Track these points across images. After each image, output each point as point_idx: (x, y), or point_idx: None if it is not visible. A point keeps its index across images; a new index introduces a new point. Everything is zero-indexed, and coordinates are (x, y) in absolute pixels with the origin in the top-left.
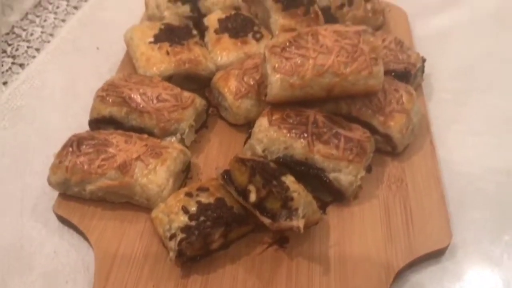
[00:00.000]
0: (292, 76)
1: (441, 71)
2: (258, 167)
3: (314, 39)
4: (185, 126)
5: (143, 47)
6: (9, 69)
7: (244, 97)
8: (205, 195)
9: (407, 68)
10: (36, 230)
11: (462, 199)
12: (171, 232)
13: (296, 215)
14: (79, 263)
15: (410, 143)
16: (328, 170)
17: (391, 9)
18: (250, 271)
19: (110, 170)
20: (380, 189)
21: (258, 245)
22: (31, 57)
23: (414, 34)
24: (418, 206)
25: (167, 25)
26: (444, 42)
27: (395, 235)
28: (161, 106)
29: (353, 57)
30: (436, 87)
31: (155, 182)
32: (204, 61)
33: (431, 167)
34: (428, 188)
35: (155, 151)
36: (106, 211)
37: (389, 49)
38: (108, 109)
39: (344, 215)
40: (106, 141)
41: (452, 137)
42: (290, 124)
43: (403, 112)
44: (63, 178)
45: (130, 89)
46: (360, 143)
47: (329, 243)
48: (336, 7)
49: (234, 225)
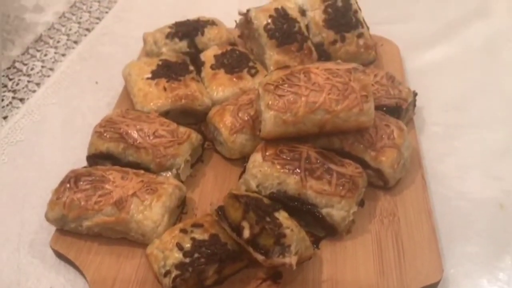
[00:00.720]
0: (285, 113)
1: (433, 104)
2: (252, 203)
3: (306, 77)
4: (180, 161)
5: (141, 83)
6: (10, 103)
7: (239, 132)
8: (200, 231)
9: (399, 103)
10: (33, 265)
11: (453, 232)
12: (166, 269)
13: (288, 252)
14: None
15: (402, 178)
16: (321, 205)
17: (383, 43)
18: None
19: (106, 206)
20: (373, 224)
21: (252, 281)
22: (31, 92)
23: (406, 67)
24: (409, 240)
25: (165, 61)
26: (436, 76)
27: (387, 269)
28: (157, 141)
29: (344, 94)
30: (428, 120)
31: (151, 218)
32: (200, 96)
33: (422, 201)
34: (419, 222)
35: (151, 187)
36: (103, 246)
37: (380, 84)
38: (105, 145)
39: (337, 249)
40: (103, 177)
41: (443, 170)
42: (283, 160)
43: (394, 147)
44: (61, 214)
45: (127, 125)
46: (352, 178)
47: (322, 277)
48: (329, 43)
49: (228, 261)
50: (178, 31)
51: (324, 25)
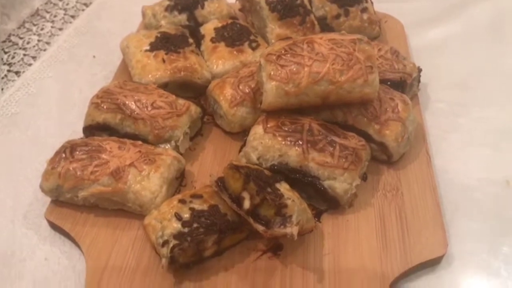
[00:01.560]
0: (288, 83)
1: (437, 81)
2: (252, 174)
3: (309, 47)
4: (179, 133)
5: (139, 55)
6: (5, 76)
7: (240, 105)
8: (199, 202)
9: (403, 78)
10: (27, 237)
11: (457, 209)
12: (164, 239)
13: (290, 222)
14: (70, 270)
15: (406, 152)
16: (323, 178)
17: (387, 20)
18: (244, 279)
19: (103, 176)
20: (376, 198)
21: (252, 253)
22: (27, 65)
23: (410, 45)
24: (413, 215)
25: (163, 33)
26: (440, 54)
27: (390, 244)
28: (155, 113)
29: (348, 65)
30: (432, 97)
31: (148, 189)
32: (199, 69)
33: (426, 176)
34: (423, 197)
35: (149, 158)
36: (99, 217)
37: (384, 59)
38: (102, 115)
39: (339, 223)
40: (100, 147)
41: (448, 147)
42: (285, 132)
43: (398, 120)
44: (56, 185)
45: (125, 96)
46: (356, 151)
47: (324, 251)
48: (332, 17)
49: (227, 232)
50: (178, 4)
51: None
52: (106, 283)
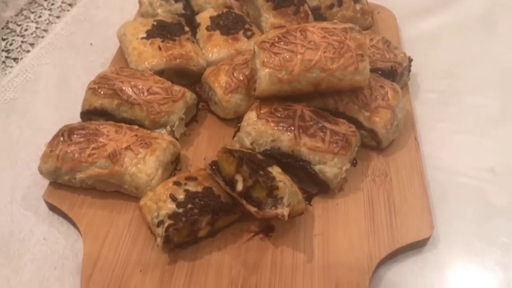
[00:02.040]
0: (281, 70)
1: (428, 71)
2: (245, 157)
3: (302, 35)
4: (175, 118)
5: (136, 42)
6: (3, 62)
7: (234, 91)
8: (193, 184)
9: (394, 67)
10: (26, 217)
11: (444, 194)
12: (159, 219)
13: (281, 204)
14: (67, 250)
15: (395, 139)
16: (314, 162)
17: (380, 11)
18: (236, 258)
19: (100, 159)
20: (365, 182)
21: (244, 234)
22: (25, 52)
23: (402, 35)
24: (401, 199)
25: (160, 22)
26: (432, 44)
27: (378, 226)
28: (151, 98)
29: (340, 53)
30: (422, 86)
31: (144, 171)
32: (195, 56)
33: (414, 162)
34: (411, 182)
35: (145, 141)
36: (96, 199)
37: (376, 48)
38: (99, 101)
39: (329, 206)
40: (97, 130)
41: (436, 134)
42: (277, 118)
43: (388, 108)
44: (54, 167)
45: (122, 81)
46: (346, 136)
47: (314, 232)
48: (325, 7)
49: (221, 213)
50: None
51: None
52: (103, 261)
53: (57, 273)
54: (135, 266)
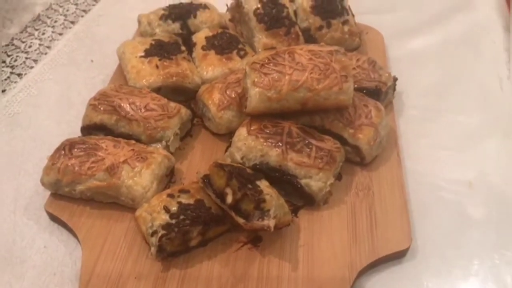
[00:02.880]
0: (270, 90)
1: (412, 90)
2: (235, 172)
3: (290, 57)
4: (170, 133)
5: (134, 61)
6: (8, 78)
7: (226, 108)
8: (186, 196)
9: (378, 86)
10: (28, 226)
11: (424, 206)
12: (153, 229)
13: (267, 216)
14: (67, 257)
15: (379, 155)
16: (300, 176)
17: (368, 31)
18: (225, 267)
19: (99, 172)
20: (349, 196)
21: (233, 244)
22: (29, 68)
23: (389, 55)
24: (382, 212)
25: (158, 41)
26: (417, 64)
27: (360, 237)
28: (148, 114)
29: (325, 74)
30: (407, 104)
31: (140, 184)
32: (190, 74)
33: (396, 177)
34: (392, 195)
35: (141, 156)
36: (94, 210)
37: (362, 68)
38: (99, 116)
39: (314, 218)
40: (96, 145)
41: (418, 150)
42: (266, 134)
43: (371, 125)
44: (55, 179)
45: (120, 98)
46: (330, 152)
47: (299, 243)
48: (315, 28)
49: (211, 224)
50: (172, 13)
51: (311, 11)
52: (100, 268)
53: (57, 279)
54: (130, 274)
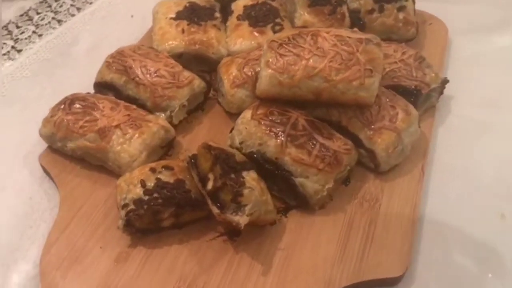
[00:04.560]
0: (283, 73)
1: (465, 97)
2: (222, 157)
3: (313, 40)
4: (176, 104)
5: (163, 22)
6: (48, 23)
7: (240, 87)
8: (168, 174)
9: (418, 87)
10: (21, 174)
11: (437, 234)
12: (125, 202)
13: (242, 211)
14: (47, 212)
15: (399, 164)
16: (296, 174)
17: (432, 22)
18: (194, 255)
19: (90, 132)
20: (351, 204)
21: (210, 232)
22: (71, 15)
23: (450, 52)
24: (383, 230)
25: (192, 4)
26: (480, 67)
27: (349, 253)
28: (157, 81)
29: (347, 64)
30: (454, 112)
31: (128, 152)
32: (216, 44)
33: (412, 194)
34: (401, 213)
35: (136, 123)
36: (84, 170)
37: (405, 64)
38: (110, 75)
39: (304, 222)
40: (94, 105)
41: (452, 168)
42: (270, 122)
43: (393, 130)
44: (51, 132)
45: (134, 60)
46: (336, 154)
47: (279, 246)
48: (365, 11)
49: (186, 208)
50: None
51: None
52: (71, 229)
53: (31, 232)
54: (98, 241)
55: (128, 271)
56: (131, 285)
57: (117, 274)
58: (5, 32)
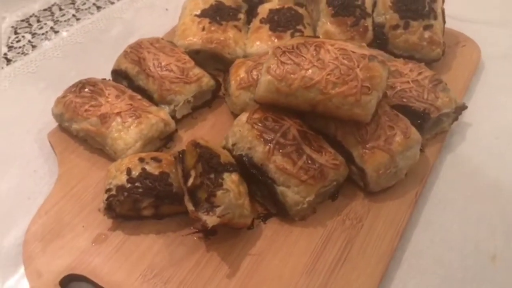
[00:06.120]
0: (281, 81)
1: (485, 126)
2: (205, 156)
3: (316, 50)
4: (181, 99)
5: (188, 18)
6: (88, 8)
7: (245, 89)
8: (155, 165)
9: (427, 110)
10: (31, 148)
11: (417, 266)
12: (109, 187)
13: (213, 212)
14: (46, 187)
15: (393, 187)
16: (278, 182)
17: (466, 44)
18: (167, 247)
19: (92, 116)
20: (333, 220)
21: (187, 227)
22: (110, 3)
23: (481, 78)
24: (359, 251)
25: (219, 3)
26: (508, 96)
27: (318, 268)
28: (165, 74)
29: (344, 79)
30: (468, 141)
31: (124, 140)
32: (233, 45)
33: (398, 219)
34: (381, 237)
35: (136, 113)
36: (85, 151)
37: (418, 85)
38: (125, 64)
39: (281, 231)
40: (101, 91)
41: (448, 203)
42: (263, 127)
43: (386, 151)
44: (60, 112)
45: (149, 52)
46: (322, 167)
47: (251, 251)
48: (390, 26)
49: (166, 200)
50: None
51: (391, 6)
52: (59, 207)
53: (29, 204)
54: (82, 220)
55: (102, 252)
56: (101, 267)
57: (91, 254)
58: (48, 13)
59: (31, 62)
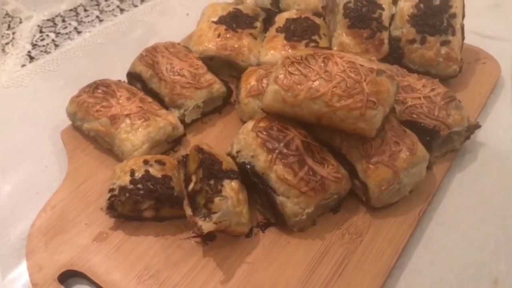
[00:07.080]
0: (287, 91)
1: (500, 146)
2: (207, 162)
3: (324, 62)
4: (190, 104)
5: (205, 24)
6: (112, 10)
7: (254, 97)
8: (158, 168)
9: (437, 127)
10: (43, 144)
11: (411, 286)
12: (113, 187)
13: (210, 218)
14: (56, 183)
15: (396, 204)
16: (278, 192)
17: (487, 61)
18: (165, 250)
19: (103, 117)
20: (332, 234)
21: (186, 231)
22: (134, 6)
23: (500, 96)
24: (356, 266)
25: (237, 11)
26: None
27: (313, 281)
28: (177, 79)
29: (350, 92)
30: (480, 161)
31: (131, 141)
32: (247, 52)
33: (399, 237)
34: (379, 254)
35: (145, 116)
36: (95, 150)
37: (430, 101)
38: (140, 67)
39: (279, 241)
40: (114, 92)
41: (451, 224)
42: (267, 136)
43: (390, 167)
44: (74, 111)
45: (163, 56)
46: (323, 180)
47: (247, 259)
48: (406, 40)
49: (166, 203)
50: None
51: (408, 20)
52: (65, 203)
53: (38, 198)
54: (85, 218)
55: (102, 251)
56: (99, 265)
57: (91, 252)
58: (73, 13)
59: (53, 61)
